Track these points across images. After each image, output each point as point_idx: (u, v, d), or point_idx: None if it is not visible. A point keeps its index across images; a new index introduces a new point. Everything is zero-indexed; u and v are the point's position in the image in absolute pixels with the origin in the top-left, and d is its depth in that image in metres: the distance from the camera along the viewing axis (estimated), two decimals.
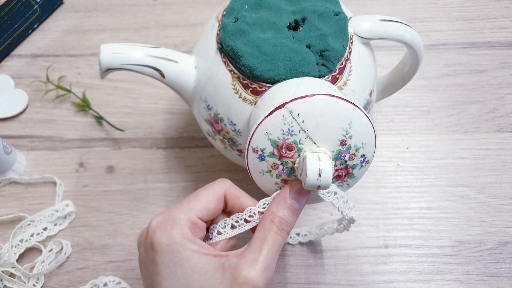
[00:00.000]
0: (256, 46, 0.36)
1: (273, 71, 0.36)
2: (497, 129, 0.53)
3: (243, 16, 0.38)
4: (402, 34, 0.40)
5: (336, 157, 0.33)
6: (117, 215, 0.51)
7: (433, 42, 0.59)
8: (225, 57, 0.38)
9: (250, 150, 0.33)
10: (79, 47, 0.61)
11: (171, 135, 0.55)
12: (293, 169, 0.33)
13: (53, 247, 0.48)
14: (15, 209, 0.51)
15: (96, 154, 0.54)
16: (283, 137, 0.32)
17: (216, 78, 0.38)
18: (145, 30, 0.61)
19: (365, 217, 0.50)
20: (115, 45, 0.39)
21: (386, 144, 0.53)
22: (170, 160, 0.53)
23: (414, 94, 0.56)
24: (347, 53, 0.38)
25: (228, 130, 0.39)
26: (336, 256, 0.48)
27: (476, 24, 0.60)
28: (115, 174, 0.53)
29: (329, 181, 0.31)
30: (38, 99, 0.57)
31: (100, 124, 0.55)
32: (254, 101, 0.37)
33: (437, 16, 0.61)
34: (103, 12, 0.63)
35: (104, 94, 0.57)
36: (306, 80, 0.35)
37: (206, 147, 0.54)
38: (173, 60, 0.40)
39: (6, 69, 0.59)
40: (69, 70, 0.59)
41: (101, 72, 0.39)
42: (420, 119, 0.54)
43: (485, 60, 0.57)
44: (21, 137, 0.55)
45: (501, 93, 0.55)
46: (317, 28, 0.37)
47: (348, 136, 0.32)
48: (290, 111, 0.31)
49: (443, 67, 0.57)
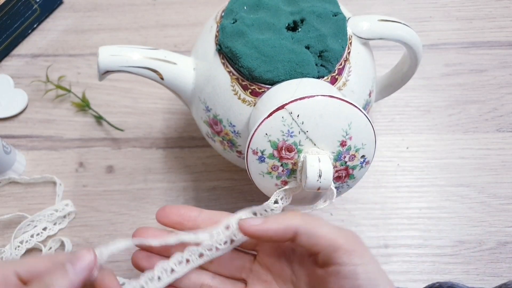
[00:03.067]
0: (255, 47, 0.36)
1: (272, 72, 0.35)
2: (497, 129, 0.53)
3: (242, 17, 0.38)
4: (401, 34, 0.39)
5: (336, 158, 0.33)
6: (116, 215, 0.51)
7: (433, 42, 0.59)
8: (224, 58, 0.38)
9: (250, 151, 0.33)
10: (79, 47, 0.60)
11: (171, 135, 0.55)
12: (293, 171, 0.33)
13: (52, 245, 0.49)
14: (14, 209, 0.51)
15: (95, 154, 0.54)
16: (283, 139, 0.32)
17: (215, 79, 0.38)
18: (145, 30, 0.61)
19: (365, 217, 0.50)
20: (114, 47, 0.39)
21: (386, 144, 0.53)
22: (169, 160, 0.53)
23: (414, 94, 0.56)
24: (346, 53, 0.38)
25: (227, 132, 0.39)
26: None
27: (476, 24, 0.60)
28: (114, 174, 0.53)
29: (329, 182, 0.31)
30: (38, 99, 0.57)
31: (99, 124, 0.55)
32: (253, 103, 0.37)
33: (437, 15, 0.61)
34: (102, 12, 0.63)
35: (104, 94, 0.57)
36: (305, 81, 0.35)
37: (205, 147, 0.54)
38: (171, 62, 0.40)
39: (6, 69, 0.59)
40: (68, 70, 0.59)
41: (99, 74, 0.39)
42: (420, 119, 0.54)
43: (485, 60, 0.57)
44: (21, 137, 0.55)
45: (501, 93, 0.55)
46: (316, 29, 0.37)
47: (348, 137, 0.32)
48: (290, 112, 0.31)
49: (443, 67, 0.57)
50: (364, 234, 0.49)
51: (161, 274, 0.33)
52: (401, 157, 0.52)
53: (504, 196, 0.50)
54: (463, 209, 0.50)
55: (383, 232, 0.49)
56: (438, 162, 0.52)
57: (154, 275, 0.33)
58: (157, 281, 0.33)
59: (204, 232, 0.34)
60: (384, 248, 0.48)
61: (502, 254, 0.48)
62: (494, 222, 0.49)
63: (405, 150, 0.53)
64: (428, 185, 0.51)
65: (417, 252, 0.48)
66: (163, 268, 0.34)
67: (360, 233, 0.49)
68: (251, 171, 0.34)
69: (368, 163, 0.34)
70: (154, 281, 0.33)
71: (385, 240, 0.49)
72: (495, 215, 0.49)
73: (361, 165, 0.34)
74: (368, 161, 0.34)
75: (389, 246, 0.48)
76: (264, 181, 0.34)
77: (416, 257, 0.48)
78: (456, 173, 0.51)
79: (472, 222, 0.49)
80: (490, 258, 0.47)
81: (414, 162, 0.52)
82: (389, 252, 0.48)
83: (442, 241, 0.48)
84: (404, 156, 0.53)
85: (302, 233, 0.30)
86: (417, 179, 0.51)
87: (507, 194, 0.50)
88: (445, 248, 0.48)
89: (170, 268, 0.34)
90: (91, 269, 0.31)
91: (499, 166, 0.51)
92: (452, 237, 0.49)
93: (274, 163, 0.33)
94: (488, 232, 0.49)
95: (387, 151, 0.53)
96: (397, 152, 0.53)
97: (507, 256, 0.47)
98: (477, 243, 0.48)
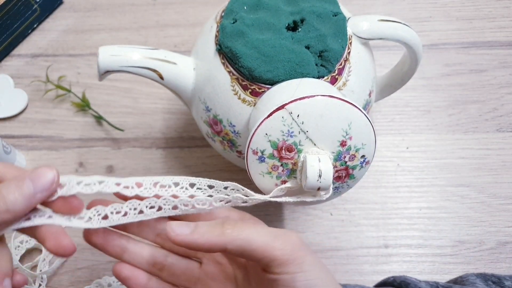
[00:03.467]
0: (255, 47, 0.36)
1: (272, 72, 0.35)
2: (497, 129, 0.53)
3: (242, 17, 0.38)
4: (401, 34, 0.39)
5: (336, 158, 0.33)
6: None
7: (433, 42, 0.59)
8: (224, 58, 0.38)
9: (250, 151, 0.33)
10: (79, 47, 0.60)
11: (170, 135, 0.55)
12: (293, 171, 0.33)
13: None
14: None
15: (95, 154, 0.54)
16: (283, 139, 0.32)
17: (215, 79, 0.38)
18: (145, 30, 0.61)
19: (365, 217, 0.50)
20: (114, 47, 0.39)
21: (386, 144, 0.53)
22: (169, 160, 0.53)
23: (414, 94, 0.56)
24: (346, 53, 0.38)
25: (227, 132, 0.39)
26: (336, 256, 0.48)
27: (476, 24, 0.60)
28: (114, 174, 0.53)
29: (329, 182, 0.31)
30: (38, 99, 0.57)
31: (99, 124, 0.55)
32: (253, 103, 0.37)
33: (437, 15, 0.61)
34: (102, 12, 0.63)
35: (104, 94, 0.57)
36: (305, 81, 0.35)
37: (205, 147, 0.54)
38: (171, 62, 0.40)
39: (6, 69, 0.59)
40: (68, 70, 0.59)
41: (99, 74, 0.39)
42: (420, 119, 0.54)
43: (485, 60, 0.57)
44: (21, 137, 0.55)
45: (501, 93, 0.55)
46: (316, 29, 0.37)
47: (348, 137, 0.32)
48: (290, 112, 0.31)
49: (443, 67, 0.57)
50: (364, 234, 0.49)
51: (128, 210, 0.32)
52: (401, 157, 0.53)
53: (504, 196, 0.50)
54: (463, 209, 0.50)
55: (383, 232, 0.49)
56: (438, 162, 0.52)
57: (121, 208, 0.32)
58: (121, 215, 0.32)
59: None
60: (384, 248, 0.48)
61: (502, 254, 0.48)
62: (494, 222, 0.49)
63: (405, 150, 0.53)
64: (428, 185, 0.51)
65: (417, 252, 0.48)
66: (133, 205, 0.32)
67: (360, 233, 0.49)
68: (251, 171, 0.34)
69: (368, 163, 0.34)
70: (119, 214, 0.32)
71: (385, 240, 0.49)
72: (495, 215, 0.49)
73: (361, 165, 0.34)
74: (368, 161, 0.34)
75: (389, 246, 0.48)
76: (264, 181, 0.34)
77: (416, 257, 0.48)
78: (456, 173, 0.51)
79: (472, 222, 0.49)
80: (490, 258, 0.47)
81: (414, 162, 0.52)
82: (389, 252, 0.48)
83: (442, 241, 0.48)
84: (404, 156, 0.53)
85: (232, 248, 0.30)
86: (417, 179, 0.51)
87: (507, 194, 0.50)
88: (445, 248, 0.48)
89: (140, 209, 0.32)
90: (51, 190, 0.29)
91: (499, 166, 0.52)
92: (452, 237, 0.49)
93: (274, 163, 0.33)
94: (488, 232, 0.49)
95: (387, 151, 0.53)
96: (397, 152, 0.53)
97: (507, 256, 0.47)
98: (477, 243, 0.48)
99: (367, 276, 0.47)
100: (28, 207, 0.28)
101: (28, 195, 0.28)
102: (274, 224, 0.50)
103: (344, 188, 0.35)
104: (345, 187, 0.35)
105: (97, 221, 0.32)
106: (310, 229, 0.49)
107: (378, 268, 0.47)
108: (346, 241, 0.49)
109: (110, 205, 0.32)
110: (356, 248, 0.48)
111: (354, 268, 0.48)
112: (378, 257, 0.48)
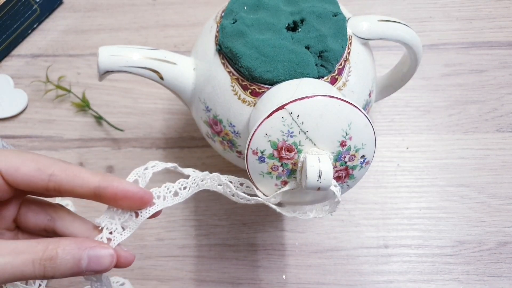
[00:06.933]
0: (255, 47, 0.36)
1: (272, 72, 0.35)
2: (497, 129, 0.53)
3: (242, 17, 0.38)
4: (401, 34, 0.39)
5: (336, 158, 0.33)
6: None
7: (433, 42, 0.59)
8: (224, 58, 0.38)
9: (250, 151, 0.33)
10: (79, 47, 0.60)
11: (170, 135, 0.55)
12: (293, 171, 0.33)
13: None
14: None
15: (95, 154, 0.54)
16: (282, 139, 0.32)
17: (215, 79, 0.38)
18: (145, 30, 0.61)
19: (365, 217, 0.50)
20: (113, 47, 0.39)
21: (386, 144, 0.53)
22: (169, 160, 0.53)
23: (414, 94, 0.56)
24: (346, 53, 0.38)
25: (227, 132, 0.39)
26: (336, 256, 0.48)
27: (476, 24, 0.60)
28: (114, 174, 0.53)
29: (329, 183, 0.31)
30: (38, 99, 0.57)
31: (99, 124, 0.55)
32: (253, 103, 0.37)
33: (437, 16, 0.61)
34: (102, 12, 0.63)
35: (104, 94, 0.57)
36: (305, 81, 0.35)
37: (205, 147, 0.54)
38: (171, 62, 0.40)
39: (6, 69, 0.59)
40: (68, 70, 0.59)
41: (99, 74, 0.39)
42: (420, 119, 0.54)
43: (485, 60, 0.57)
44: (21, 137, 0.55)
45: (501, 93, 0.55)
46: (316, 29, 0.37)
47: (348, 137, 0.32)
48: (290, 113, 0.31)
49: (443, 67, 0.57)
50: (364, 234, 0.49)
51: (166, 194, 0.33)
52: (401, 157, 0.53)
53: (504, 196, 0.50)
54: (463, 209, 0.50)
55: (383, 232, 0.49)
56: (438, 162, 0.52)
57: (160, 193, 0.33)
58: (162, 200, 0.33)
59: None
60: (384, 248, 0.48)
61: (502, 254, 0.48)
62: (494, 222, 0.49)
63: (405, 150, 0.53)
64: (428, 185, 0.51)
65: (417, 252, 0.48)
66: (167, 189, 0.33)
67: (360, 233, 0.49)
68: (251, 171, 0.34)
69: (368, 163, 0.34)
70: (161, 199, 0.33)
71: (385, 240, 0.49)
72: (495, 215, 0.49)
73: (361, 165, 0.34)
74: (368, 161, 0.34)
75: (389, 246, 0.48)
76: (264, 181, 0.34)
77: (416, 257, 0.48)
78: (456, 173, 0.51)
79: (472, 222, 0.49)
80: (490, 258, 0.47)
81: (414, 162, 0.52)
82: (389, 252, 0.48)
83: (442, 241, 0.48)
84: (404, 156, 0.53)
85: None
86: (417, 179, 0.51)
87: (507, 194, 0.50)
88: (445, 248, 0.48)
89: (174, 190, 0.33)
90: (100, 272, 0.29)
91: (499, 166, 0.52)
92: (452, 237, 0.49)
93: (274, 163, 0.33)
94: (488, 232, 0.49)
95: (387, 151, 0.53)
96: (397, 152, 0.53)
97: (507, 256, 0.47)
98: (477, 243, 0.48)
99: (367, 276, 0.47)
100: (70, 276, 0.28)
101: (77, 272, 0.28)
102: (274, 224, 0.50)
103: (344, 188, 0.35)
104: (345, 187, 0.35)
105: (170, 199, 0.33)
106: (310, 229, 0.49)
107: (378, 268, 0.48)
108: (346, 241, 0.49)
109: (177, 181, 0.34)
110: (356, 248, 0.48)
111: (354, 268, 0.48)
112: (378, 257, 0.48)
